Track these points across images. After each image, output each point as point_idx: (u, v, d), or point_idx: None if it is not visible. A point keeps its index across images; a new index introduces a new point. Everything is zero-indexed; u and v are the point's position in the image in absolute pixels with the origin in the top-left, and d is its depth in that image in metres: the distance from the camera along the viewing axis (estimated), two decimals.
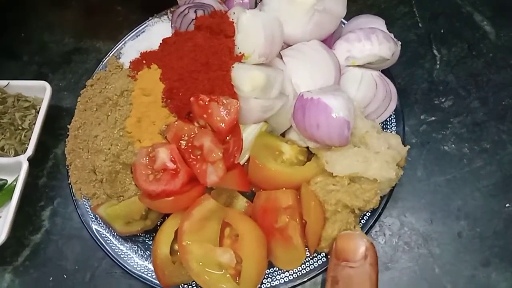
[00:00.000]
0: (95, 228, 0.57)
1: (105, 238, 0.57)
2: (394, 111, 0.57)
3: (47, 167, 0.67)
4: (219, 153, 0.50)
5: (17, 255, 0.62)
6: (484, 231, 0.56)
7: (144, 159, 0.53)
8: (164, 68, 0.55)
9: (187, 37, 0.58)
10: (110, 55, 0.67)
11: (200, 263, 0.49)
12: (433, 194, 0.59)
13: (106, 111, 0.56)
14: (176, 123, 0.54)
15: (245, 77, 0.52)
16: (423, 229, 0.57)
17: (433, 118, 0.63)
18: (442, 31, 0.69)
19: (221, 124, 0.52)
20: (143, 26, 0.68)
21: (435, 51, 0.67)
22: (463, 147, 0.61)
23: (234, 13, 0.57)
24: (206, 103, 0.52)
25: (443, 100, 0.64)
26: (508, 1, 0.70)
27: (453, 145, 0.61)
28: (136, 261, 0.55)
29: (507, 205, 0.57)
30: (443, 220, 0.57)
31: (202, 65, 0.54)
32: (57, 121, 0.69)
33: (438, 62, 0.66)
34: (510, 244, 0.55)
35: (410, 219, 0.58)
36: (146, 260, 0.55)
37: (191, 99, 0.53)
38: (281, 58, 0.57)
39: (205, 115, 0.53)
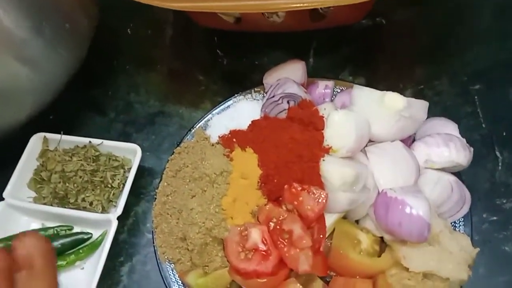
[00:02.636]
0: None
1: None
2: None
3: (127, 224, 0.72)
4: (309, 241, 0.55)
5: None
6: None
7: (237, 236, 0.57)
8: (261, 155, 0.61)
9: (279, 125, 0.64)
10: (198, 126, 0.73)
11: None
12: None
13: (202, 186, 0.61)
14: (267, 207, 0.59)
15: (335, 172, 0.58)
16: None
17: (495, 218, 0.67)
18: (504, 134, 0.74)
19: (310, 212, 0.57)
20: (229, 102, 0.75)
21: (497, 153, 0.72)
22: None
23: (325, 109, 0.63)
24: (298, 191, 0.58)
25: (504, 201, 0.69)
26: None
27: None
28: None
29: None
30: None
31: (296, 157, 0.59)
32: (139, 180, 0.74)
33: (500, 164, 0.71)
34: None
35: None
36: None
37: (285, 186, 0.58)
38: (365, 153, 0.63)
39: (295, 202, 0.58)
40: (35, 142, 0.74)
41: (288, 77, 0.71)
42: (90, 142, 0.73)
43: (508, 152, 0.72)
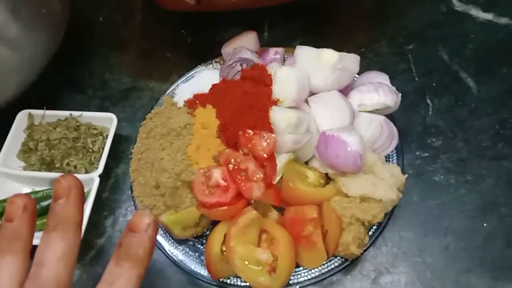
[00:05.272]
0: None
1: (161, 243, 0.71)
2: (396, 147, 0.73)
3: (109, 184, 0.81)
4: (261, 175, 0.65)
5: (85, 255, 0.75)
6: (466, 245, 0.70)
7: (202, 177, 0.67)
8: (218, 108, 0.71)
9: (235, 85, 0.73)
10: (166, 94, 0.82)
11: (243, 261, 0.63)
12: (426, 215, 0.73)
13: (170, 139, 0.71)
14: (226, 150, 0.68)
15: (281, 117, 0.68)
16: (417, 242, 0.71)
17: (426, 154, 0.78)
18: (434, 84, 0.85)
19: (262, 152, 0.67)
20: (192, 72, 0.84)
21: (428, 101, 0.83)
22: (450, 178, 0.76)
23: (272, 67, 0.73)
24: (251, 136, 0.68)
25: (434, 140, 0.79)
26: (487, 63, 0.87)
27: (442, 176, 0.76)
28: (188, 261, 0.69)
29: (484, 225, 0.71)
30: (434, 235, 0.71)
31: (248, 107, 0.69)
32: (117, 146, 0.83)
33: (430, 110, 0.82)
34: (487, 256, 0.69)
35: (407, 233, 0.72)
36: (196, 259, 0.69)
37: (240, 132, 0.68)
38: (307, 103, 0.73)
39: (249, 145, 0.68)
40: (21, 118, 0.83)
41: (243, 45, 0.81)
42: (70, 114, 0.83)
43: (437, 99, 0.83)
